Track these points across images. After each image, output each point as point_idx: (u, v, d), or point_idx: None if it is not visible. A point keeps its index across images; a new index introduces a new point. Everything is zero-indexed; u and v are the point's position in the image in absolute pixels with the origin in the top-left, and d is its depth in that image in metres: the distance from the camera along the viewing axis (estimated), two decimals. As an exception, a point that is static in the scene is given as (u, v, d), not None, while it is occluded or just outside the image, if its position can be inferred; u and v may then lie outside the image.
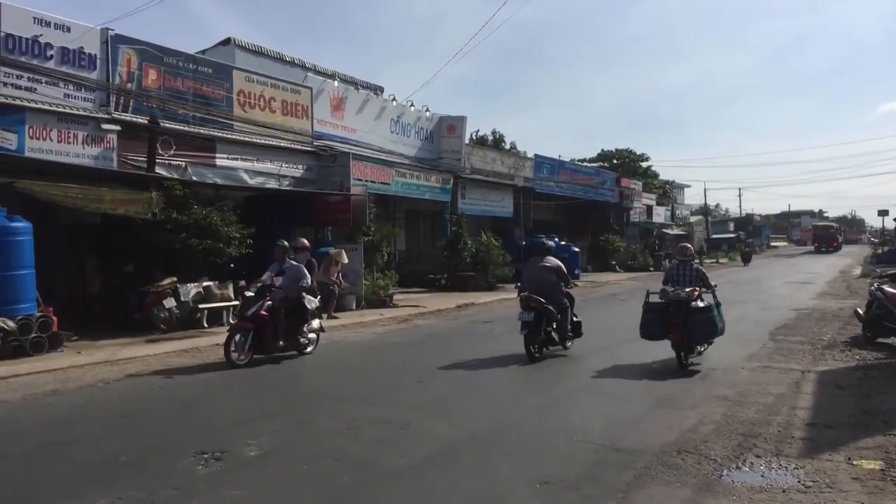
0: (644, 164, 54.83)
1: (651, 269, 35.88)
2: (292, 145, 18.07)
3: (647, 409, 6.89)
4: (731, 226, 78.47)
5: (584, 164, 46.04)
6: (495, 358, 10.19)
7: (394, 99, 23.68)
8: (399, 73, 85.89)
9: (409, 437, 5.94)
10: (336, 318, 14.68)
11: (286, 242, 10.85)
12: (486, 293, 21.60)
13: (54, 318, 10.72)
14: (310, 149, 18.63)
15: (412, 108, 24.37)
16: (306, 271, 10.51)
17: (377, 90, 25.43)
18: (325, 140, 19.39)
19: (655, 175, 55.37)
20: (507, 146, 41.14)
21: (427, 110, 25.11)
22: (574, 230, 35.66)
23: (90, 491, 4.64)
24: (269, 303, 9.78)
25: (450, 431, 6.14)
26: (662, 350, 9.22)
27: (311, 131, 18.82)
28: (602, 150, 55.91)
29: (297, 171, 18.20)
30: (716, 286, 9.52)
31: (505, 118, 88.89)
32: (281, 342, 9.85)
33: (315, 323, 10.65)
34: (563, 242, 29.70)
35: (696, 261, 10.39)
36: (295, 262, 10.60)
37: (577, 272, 28.86)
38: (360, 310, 16.61)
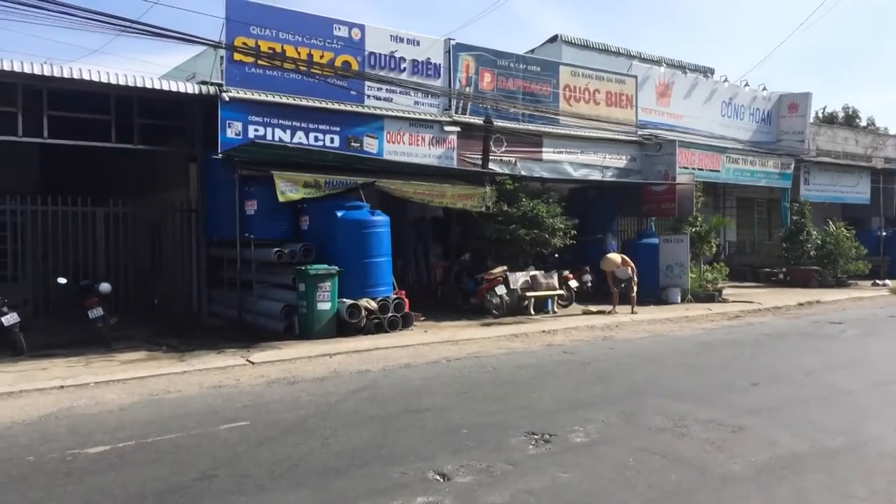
0: None
1: None
2: (616, 136, 18.01)
3: None
4: None
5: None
6: (846, 364, 9.03)
7: (725, 80, 22.18)
8: (732, 53, 79.72)
9: (743, 442, 5.56)
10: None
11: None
12: (833, 290, 19.19)
13: (406, 301, 12.19)
14: (634, 138, 18.39)
15: (746, 89, 22.58)
16: None
17: (707, 72, 24.08)
18: (650, 128, 18.95)
19: None
20: (863, 123, 35.95)
21: (764, 89, 23.05)
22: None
23: (438, 456, 5.21)
24: None
25: (791, 441, 5.60)
26: None
27: (634, 121, 18.55)
28: None
29: (620, 161, 18.11)
30: None
31: (860, 91, 77.13)
32: None
33: None
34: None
35: None
36: None
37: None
38: (685, 304, 15.96)
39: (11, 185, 13.66)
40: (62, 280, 11.37)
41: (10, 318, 9.79)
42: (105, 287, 10.87)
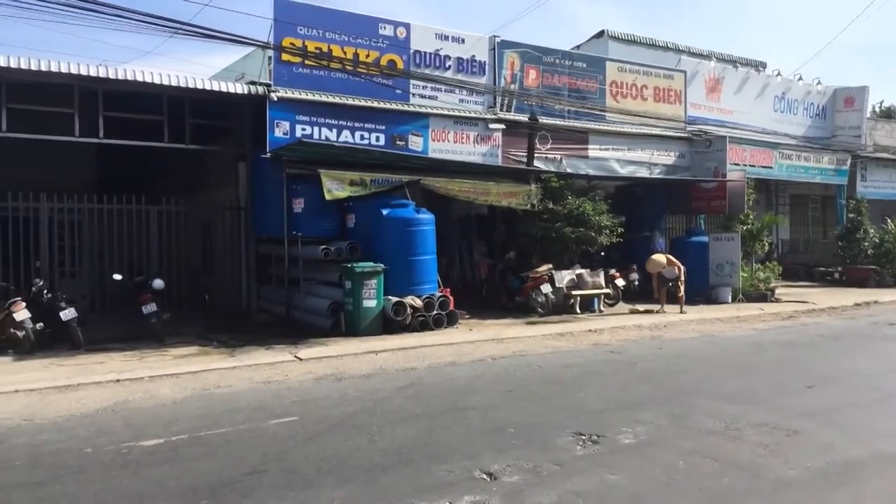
0: None
1: None
2: (664, 132, 17.72)
3: None
4: None
5: None
6: (907, 367, 8.71)
7: (778, 74, 21.63)
8: (785, 46, 77.42)
9: (798, 446, 5.41)
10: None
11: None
12: (891, 290, 18.54)
13: (451, 299, 12.19)
14: (682, 135, 18.06)
15: (800, 83, 21.97)
16: None
17: (758, 66, 23.51)
18: (699, 124, 18.59)
19: None
20: (923, 116, 34.57)
21: (818, 83, 22.40)
22: None
23: (485, 455, 5.20)
24: None
25: (848, 445, 5.43)
26: None
27: (683, 116, 18.22)
28: None
29: (668, 158, 17.81)
30: None
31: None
32: None
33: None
34: None
35: None
36: None
37: None
38: (736, 303, 15.61)
39: (69, 184, 14.12)
40: (117, 276, 11.71)
41: (69, 313, 10.13)
42: (158, 283, 11.16)
